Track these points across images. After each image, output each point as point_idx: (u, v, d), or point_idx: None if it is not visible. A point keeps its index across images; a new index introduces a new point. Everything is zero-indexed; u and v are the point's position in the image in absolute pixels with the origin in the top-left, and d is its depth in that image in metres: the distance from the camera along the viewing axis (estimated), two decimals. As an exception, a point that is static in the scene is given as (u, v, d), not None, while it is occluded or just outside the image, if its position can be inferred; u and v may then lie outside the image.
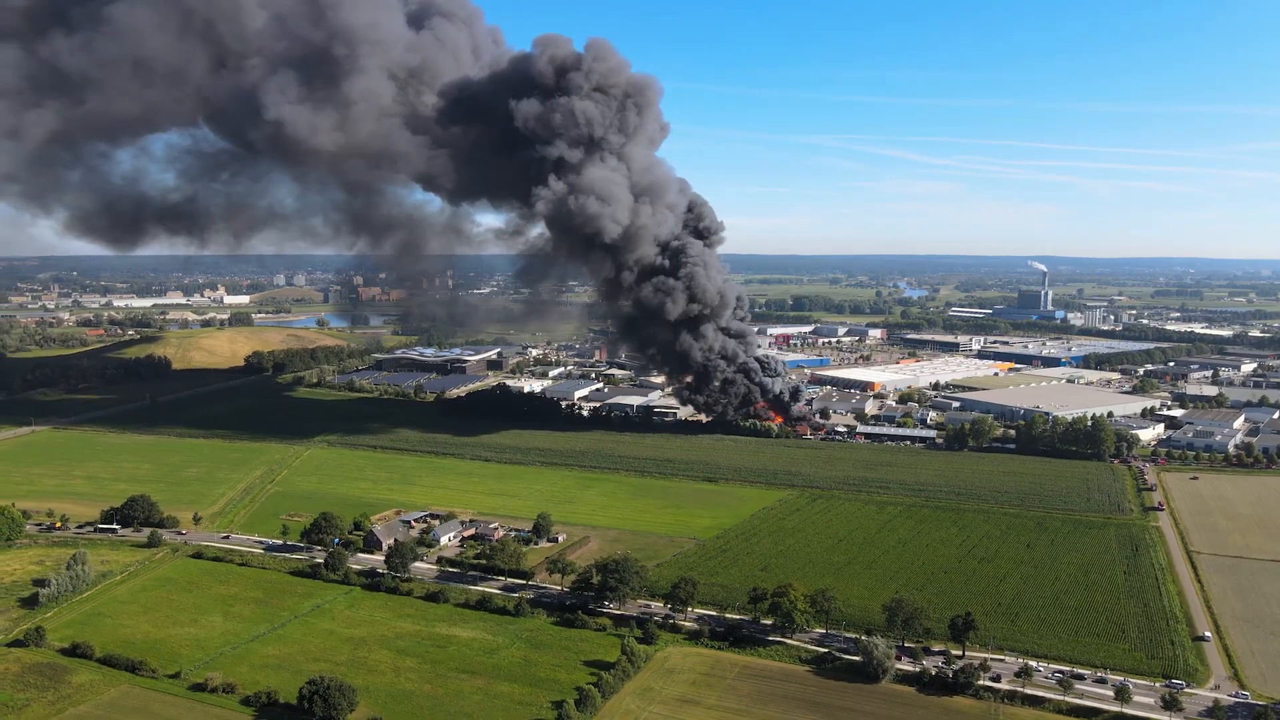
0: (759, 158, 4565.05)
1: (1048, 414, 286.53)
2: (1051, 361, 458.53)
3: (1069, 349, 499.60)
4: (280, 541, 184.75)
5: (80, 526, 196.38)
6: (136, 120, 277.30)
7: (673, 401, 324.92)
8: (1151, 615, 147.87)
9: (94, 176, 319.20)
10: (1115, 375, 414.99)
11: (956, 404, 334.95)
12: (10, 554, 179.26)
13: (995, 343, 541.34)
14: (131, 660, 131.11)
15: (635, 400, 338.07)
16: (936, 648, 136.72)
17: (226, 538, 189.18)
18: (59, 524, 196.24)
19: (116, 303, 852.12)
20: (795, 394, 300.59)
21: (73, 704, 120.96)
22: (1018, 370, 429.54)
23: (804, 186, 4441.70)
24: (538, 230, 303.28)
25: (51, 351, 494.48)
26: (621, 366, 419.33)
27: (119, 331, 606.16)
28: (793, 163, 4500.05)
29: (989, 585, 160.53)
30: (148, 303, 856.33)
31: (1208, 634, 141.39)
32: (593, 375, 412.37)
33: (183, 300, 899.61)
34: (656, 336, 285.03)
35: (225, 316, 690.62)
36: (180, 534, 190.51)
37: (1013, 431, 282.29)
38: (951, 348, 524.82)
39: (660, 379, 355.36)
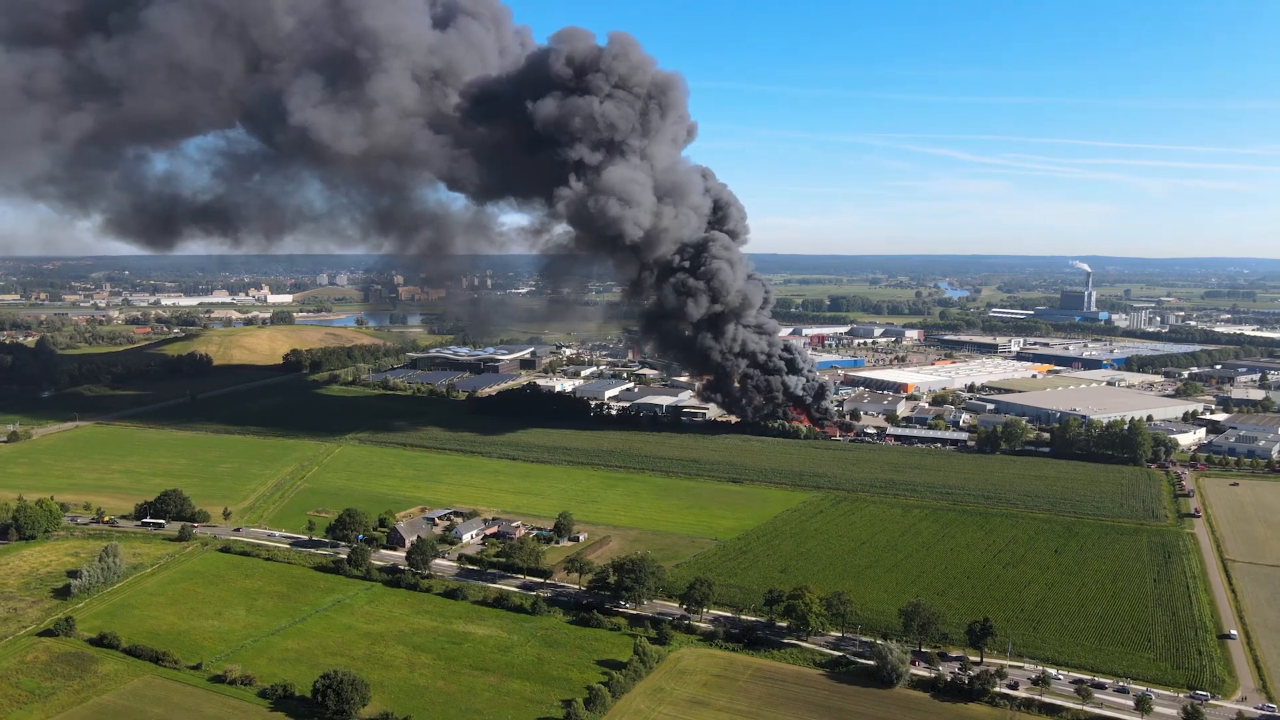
0: (804, 157, 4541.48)
1: (1083, 417, 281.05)
2: (1092, 364, 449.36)
3: (1111, 351, 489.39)
4: (306, 537, 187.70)
5: (113, 520, 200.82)
6: (172, 123, 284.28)
7: (703, 401, 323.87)
8: (1180, 624, 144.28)
9: (130, 178, 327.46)
10: (1158, 378, 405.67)
11: (991, 406, 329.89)
12: (47, 545, 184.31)
13: (1035, 344, 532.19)
14: (155, 651, 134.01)
15: (665, 400, 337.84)
16: (954, 653, 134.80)
17: (238, 531, 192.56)
18: (108, 519, 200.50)
19: (164, 301, 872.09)
20: (821, 392, 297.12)
21: (97, 693, 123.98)
22: (1056, 372, 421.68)
23: (849, 186, 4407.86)
24: (560, 229, 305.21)
25: (100, 348, 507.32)
26: (653, 366, 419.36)
27: (165, 329, 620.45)
28: (838, 162, 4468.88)
29: (1012, 591, 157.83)
30: (194, 301, 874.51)
31: (1233, 632, 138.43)
32: (624, 375, 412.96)
33: (228, 299, 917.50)
34: (678, 335, 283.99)
35: (268, 315, 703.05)
36: (210, 528, 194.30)
37: (1047, 435, 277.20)
38: (990, 349, 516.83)
39: (690, 379, 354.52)
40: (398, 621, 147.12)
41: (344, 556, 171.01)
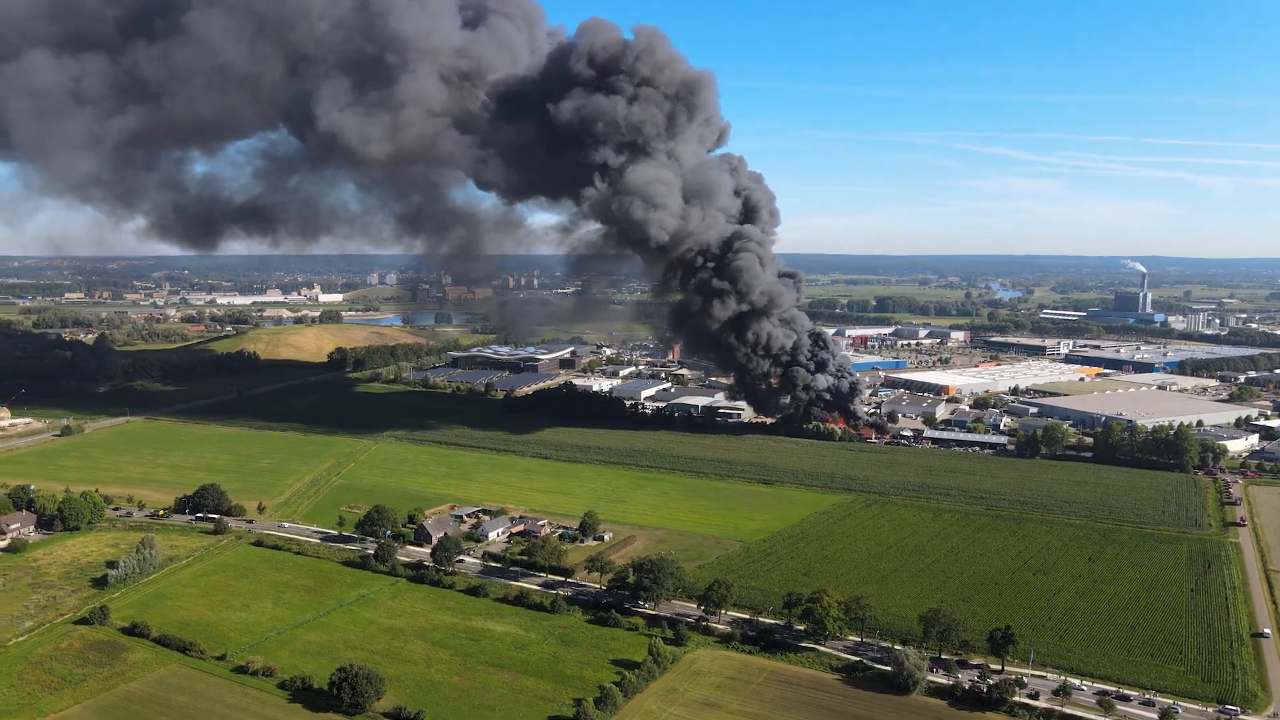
0: (852, 157, 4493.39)
1: (1128, 421, 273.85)
2: (1144, 367, 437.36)
3: (1164, 354, 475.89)
4: (336, 532, 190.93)
5: (166, 513, 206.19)
6: (213, 125, 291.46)
7: (739, 402, 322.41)
8: (1215, 636, 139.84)
9: (172, 180, 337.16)
10: (1212, 382, 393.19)
11: (1034, 410, 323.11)
12: (90, 536, 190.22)
13: (1084, 347, 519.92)
14: (183, 641, 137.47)
15: (701, 400, 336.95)
16: (975, 661, 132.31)
17: (279, 527, 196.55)
18: (161, 512, 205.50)
19: (220, 300, 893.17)
20: (853, 392, 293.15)
21: (125, 680, 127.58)
22: (1105, 376, 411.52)
23: (897, 185, 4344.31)
24: (590, 228, 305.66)
25: (155, 345, 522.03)
26: (691, 367, 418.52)
27: (218, 327, 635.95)
28: (887, 161, 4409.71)
29: (1040, 598, 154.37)
30: (248, 300, 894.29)
31: (1268, 630, 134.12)
32: (662, 375, 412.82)
33: (280, 298, 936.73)
34: (706, 333, 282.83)
35: (317, 314, 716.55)
36: (246, 522, 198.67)
37: (1090, 439, 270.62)
38: (1037, 351, 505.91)
39: (719, 378, 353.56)
40: (419, 617, 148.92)
41: (371, 552, 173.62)
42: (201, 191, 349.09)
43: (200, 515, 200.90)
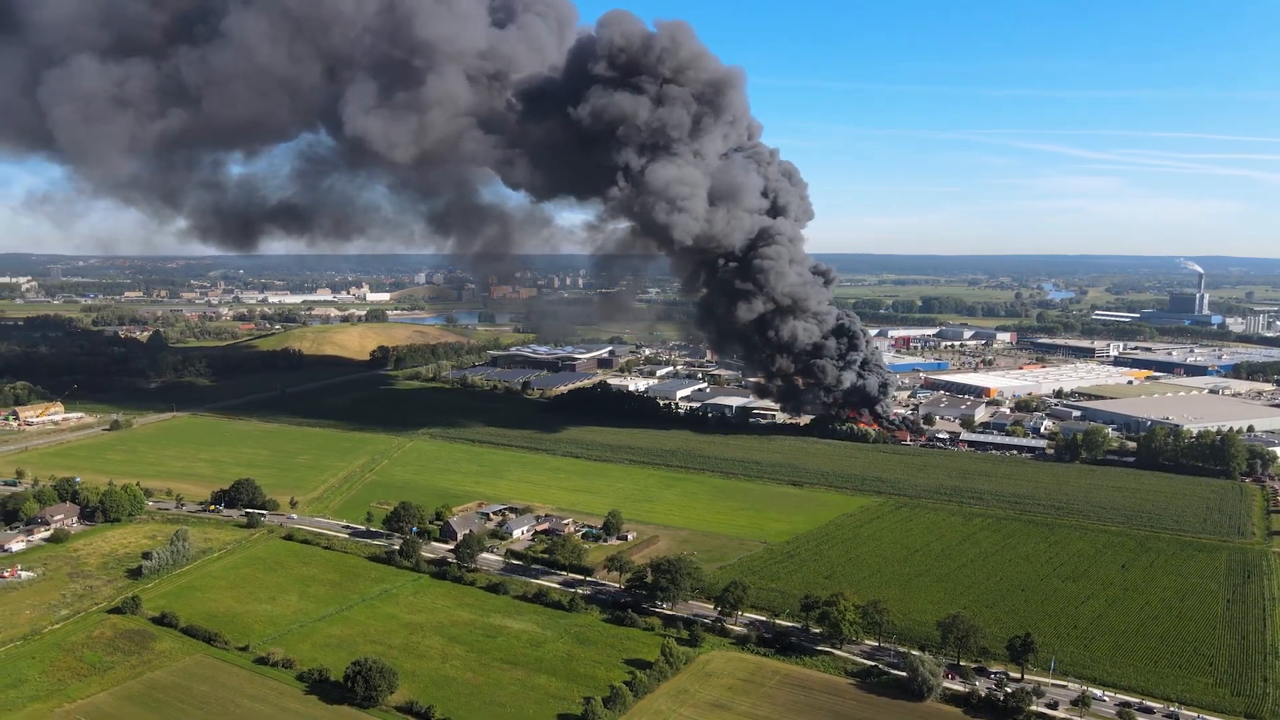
0: (900, 155, 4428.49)
1: (1174, 425, 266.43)
2: (1196, 370, 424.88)
3: (1219, 357, 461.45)
4: (364, 528, 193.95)
5: (217, 507, 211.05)
6: (252, 127, 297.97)
7: (769, 401, 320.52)
8: (1248, 649, 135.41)
9: (211, 181, 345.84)
10: (1269, 386, 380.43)
11: (1077, 413, 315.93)
12: (129, 528, 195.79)
13: (1135, 349, 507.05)
14: (209, 632, 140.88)
15: (735, 401, 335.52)
16: (995, 668, 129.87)
17: (310, 520, 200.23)
18: (212, 507, 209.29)
19: (271, 299, 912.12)
20: (883, 391, 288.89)
21: (151, 669, 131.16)
22: (1155, 379, 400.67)
23: (948, 184, 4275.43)
24: (613, 226, 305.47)
25: (206, 343, 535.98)
26: (729, 367, 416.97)
27: (267, 326, 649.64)
28: (937, 159, 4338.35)
29: (1067, 606, 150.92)
30: (298, 299, 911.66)
31: None
32: (699, 375, 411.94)
33: (330, 297, 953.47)
34: (733, 331, 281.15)
35: (363, 313, 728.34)
36: (278, 516, 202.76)
37: (1133, 444, 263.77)
38: (1086, 353, 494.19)
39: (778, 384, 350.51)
40: (438, 613, 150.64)
41: (396, 548, 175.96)
42: (239, 192, 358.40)
43: (249, 511, 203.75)
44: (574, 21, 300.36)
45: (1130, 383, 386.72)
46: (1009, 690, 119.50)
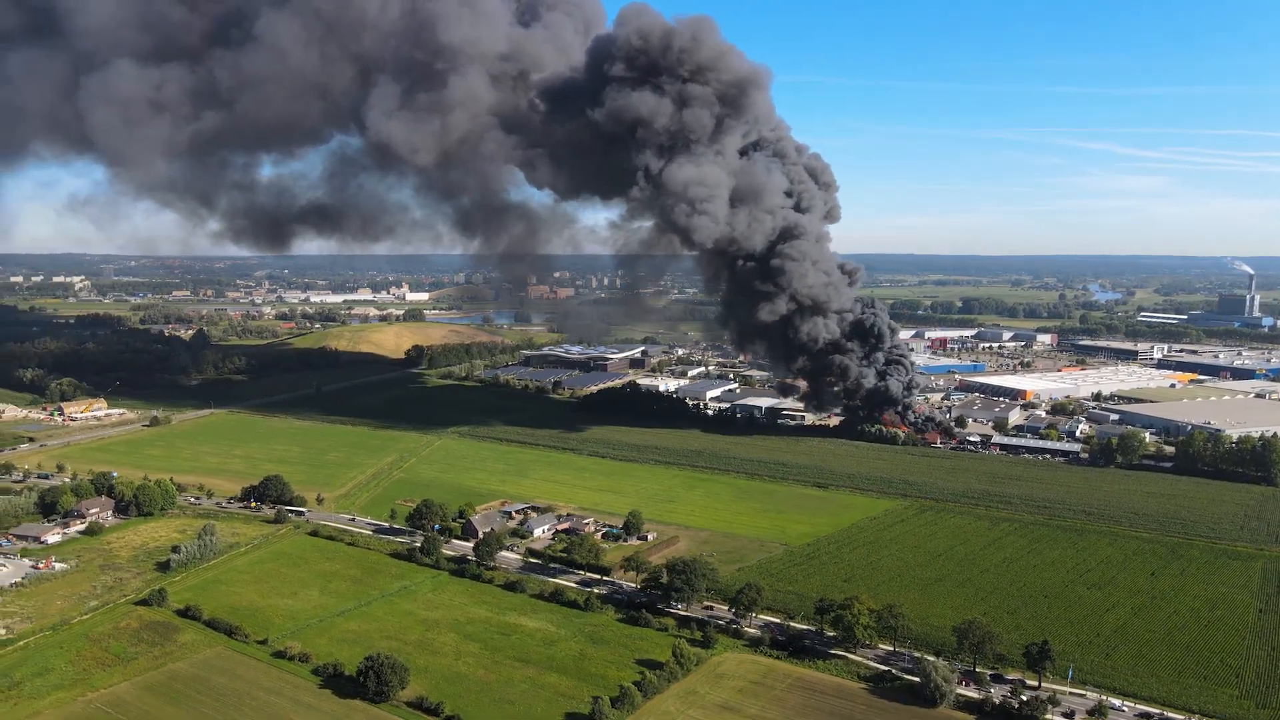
0: (944, 154, 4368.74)
1: (1214, 430, 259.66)
2: (1243, 373, 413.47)
3: (1268, 360, 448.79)
4: (388, 525, 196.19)
5: (258, 506, 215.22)
6: (285, 129, 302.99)
7: (781, 396, 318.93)
8: (1277, 660, 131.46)
9: (244, 183, 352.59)
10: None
11: (1115, 417, 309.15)
12: (161, 522, 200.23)
13: (1180, 351, 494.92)
14: (230, 625, 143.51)
15: (764, 402, 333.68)
16: (1011, 676, 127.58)
17: (338, 517, 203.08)
18: (255, 505, 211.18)
19: (314, 298, 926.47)
20: (908, 391, 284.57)
21: (173, 660, 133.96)
22: (1200, 382, 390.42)
23: (993, 183, 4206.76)
24: (637, 225, 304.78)
25: (248, 341, 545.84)
26: (761, 368, 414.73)
27: (307, 325, 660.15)
28: (981, 158, 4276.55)
29: (1091, 613, 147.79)
30: (339, 299, 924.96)
31: None
32: (730, 376, 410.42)
33: (370, 296, 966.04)
34: (753, 330, 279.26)
35: (401, 312, 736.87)
36: (305, 513, 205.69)
37: (1171, 449, 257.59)
38: (1129, 356, 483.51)
39: (801, 384, 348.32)
40: (455, 610, 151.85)
41: (418, 545, 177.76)
42: (269, 193, 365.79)
43: (289, 509, 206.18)
44: (602, 19, 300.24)
45: (1173, 386, 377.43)
46: (1024, 698, 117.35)
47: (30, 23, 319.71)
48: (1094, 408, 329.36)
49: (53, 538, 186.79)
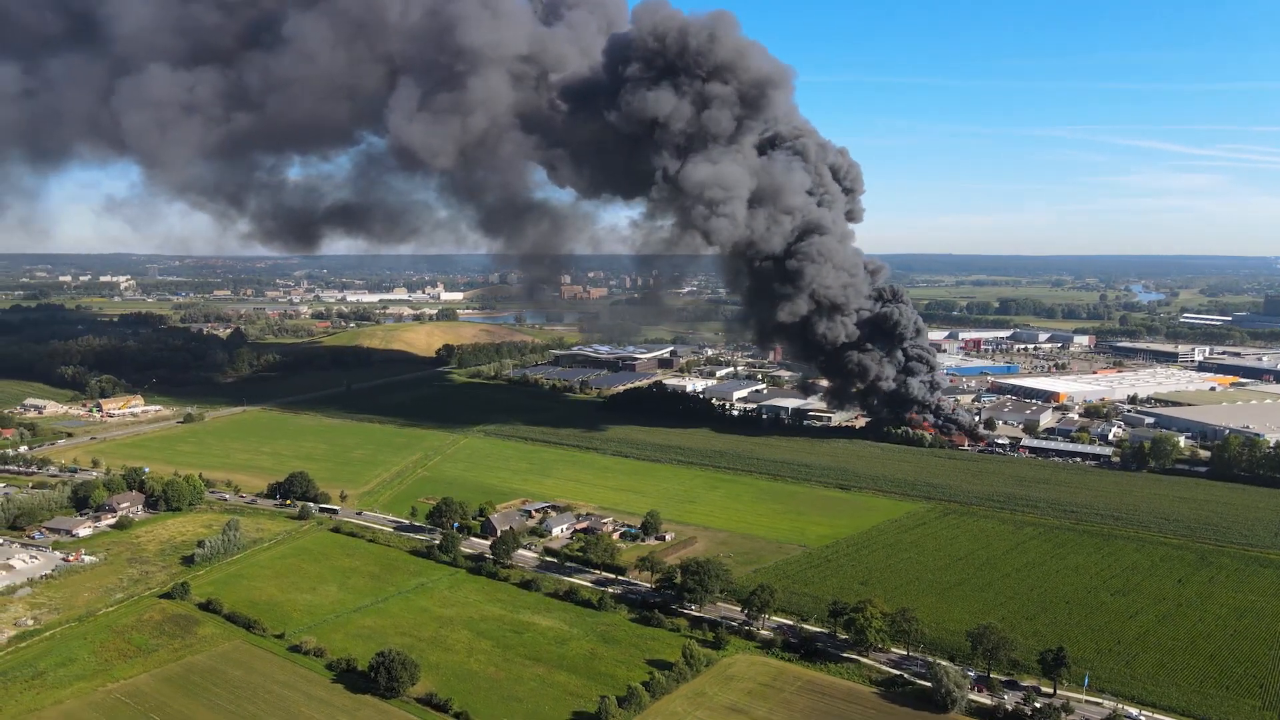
0: (986, 152, 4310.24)
1: (1254, 435, 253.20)
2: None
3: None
4: (408, 522, 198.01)
5: (244, 495, 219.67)
6: (312, 130, 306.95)
7: (804, 395, 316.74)
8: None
9: (273, 184, 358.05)
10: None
11: (1150, 420, 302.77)
12: (189, 517, 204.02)
13: (1222, 354, 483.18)
14: (249, 619, 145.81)
15: (791, 403, 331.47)
16: (1026, 682, 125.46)
17: (359, 514, 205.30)
18: (289, 501, 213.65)
19: (350, 297, 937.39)
20: (931, 392, 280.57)
21: (192, 652, 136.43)
22: (1241, 385, 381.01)
23: (1037, 182, 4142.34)
24: (659, 224, 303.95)
25: (284, 340, 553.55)
26: (790, 368, 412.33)
27: (342, 324, 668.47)
28: (1025, 157, 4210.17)
29: (1113, 620, 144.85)
30: (375, 298, 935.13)
31: None
32: (759, 377, 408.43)
33: (405, 296, 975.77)
34: (773, 329, 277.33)
35: (435, 312, 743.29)
36: (329, 510, 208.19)
37: (1206, 453, 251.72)
38: (1168, 358, 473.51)
39: (824, 383, 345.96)
40: (469, 608, 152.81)
41: (437, 543, 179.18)
42: (297, 194, 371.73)
43: (324, 508, 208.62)
44: (624, 16, 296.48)
45: (1213, 389, 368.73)
46: (1037, 705, 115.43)
47: (72, 28, 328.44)
48: (1129, 411, 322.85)
49: (84, 531, 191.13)
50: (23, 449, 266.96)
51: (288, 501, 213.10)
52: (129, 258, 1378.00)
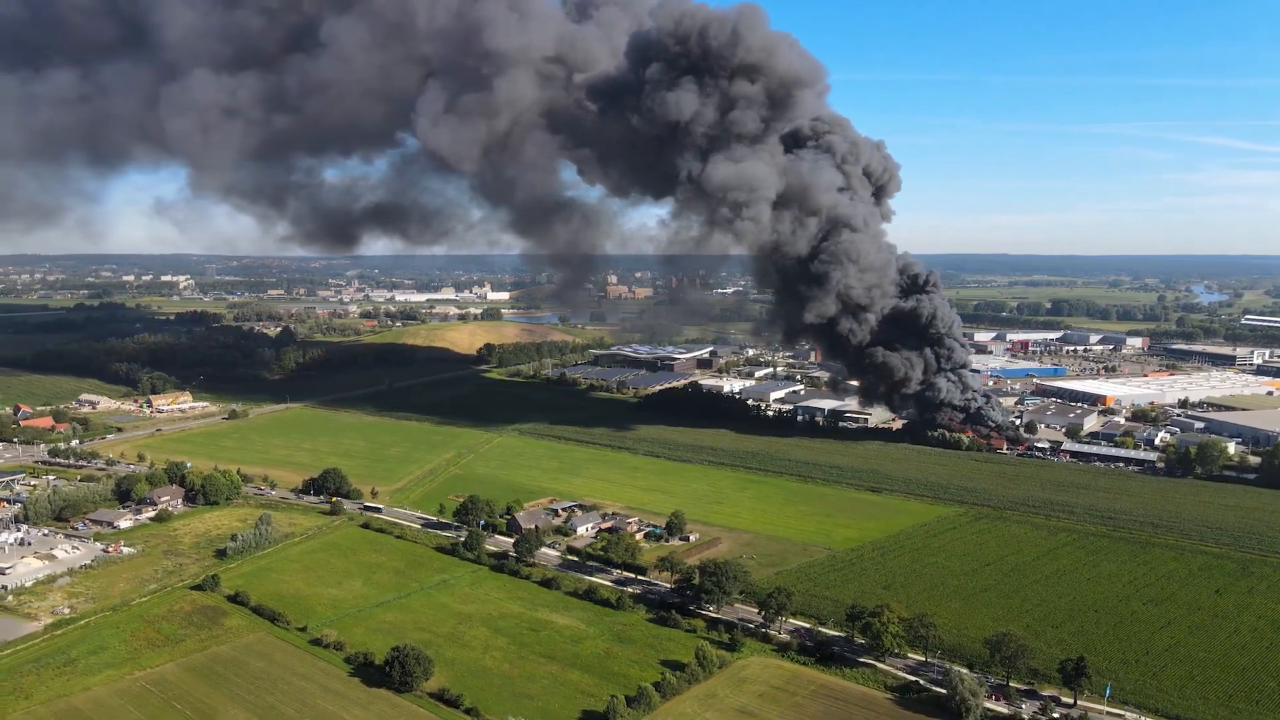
0: (1043, 150, 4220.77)
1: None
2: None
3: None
4: (436, 519, 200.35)
5: (279, 491, 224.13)
6: (351, 132, 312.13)
7: (834, 394, 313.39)
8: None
9: (311, 186, 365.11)
10: None
11: (1200, 425, 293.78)
12: (225, 511, 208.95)
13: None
14: (274, 611, 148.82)
15: (827, 404, 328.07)
16: (1046, 692, 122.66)
17: (383, 511, 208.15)
18: (323, 497, 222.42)
19: (399, 297, 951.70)
20: (962, 390, 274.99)
21: (217, 643, 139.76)
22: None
23: (1097, 180, 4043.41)
24: (686, 223, 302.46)
25: (332, 338, 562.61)
26: (830, 369, 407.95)
27: (389, 323, 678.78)
28: (1084, 154, 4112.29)
29: (1143, 630, 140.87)
30: (423, 298, 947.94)
31: None
32: (797, 377, 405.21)
33: (453, 295, 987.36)
34: (800, 329, 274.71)
35: (479, 311, 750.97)
36: (360, 506, 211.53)
37: (1257, 459, 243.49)
38: (1225, 361, 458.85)
39: (853, 382, 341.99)
40: (489, 605, 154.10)
41: (462, 540, 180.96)
42: (333, 195, 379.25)
43: (367, 506, 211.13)
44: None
45: (1270, 394, 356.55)
46: (1055, 715, 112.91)
47: (125, 35, 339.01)
48: (1178, 415, 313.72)
49: (125, 523, 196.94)
50: (74, 443, 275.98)
51: (327, 497, 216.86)
52: (189, 258, 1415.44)
